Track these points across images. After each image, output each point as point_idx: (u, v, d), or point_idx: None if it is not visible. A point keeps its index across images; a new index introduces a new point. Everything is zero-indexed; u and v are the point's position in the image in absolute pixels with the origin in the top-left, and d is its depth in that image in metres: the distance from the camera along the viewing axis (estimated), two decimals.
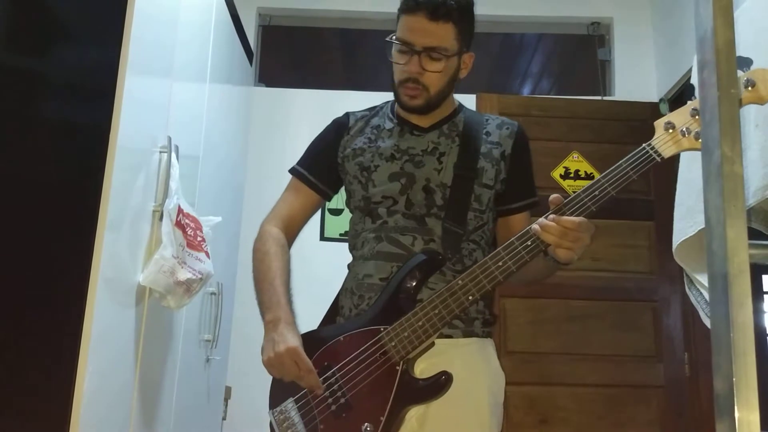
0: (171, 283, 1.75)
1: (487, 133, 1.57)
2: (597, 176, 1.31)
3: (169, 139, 1.86)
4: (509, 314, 2.96)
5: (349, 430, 1.35)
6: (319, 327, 1.54)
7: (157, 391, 1.93)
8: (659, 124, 1.30)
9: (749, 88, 1.19)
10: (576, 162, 3.08)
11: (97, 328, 1.49)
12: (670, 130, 1.28)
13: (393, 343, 1.35)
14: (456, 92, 1.60)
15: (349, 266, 1.58)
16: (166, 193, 1.80)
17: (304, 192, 1.62)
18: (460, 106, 1.62)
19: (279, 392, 1.44)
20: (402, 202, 1.49)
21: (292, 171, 1.65)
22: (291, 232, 1.60)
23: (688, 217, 1.90)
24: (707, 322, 1.90)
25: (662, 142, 1.29)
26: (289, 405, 1.41)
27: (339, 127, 1.64)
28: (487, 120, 1.60)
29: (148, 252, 1.77)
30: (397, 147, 1.54)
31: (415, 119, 1.56)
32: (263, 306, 1.46)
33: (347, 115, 1.66)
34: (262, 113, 3.41)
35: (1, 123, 1.53)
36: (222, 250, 1.75)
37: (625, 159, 1.30)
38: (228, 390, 2.88)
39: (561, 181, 3.06)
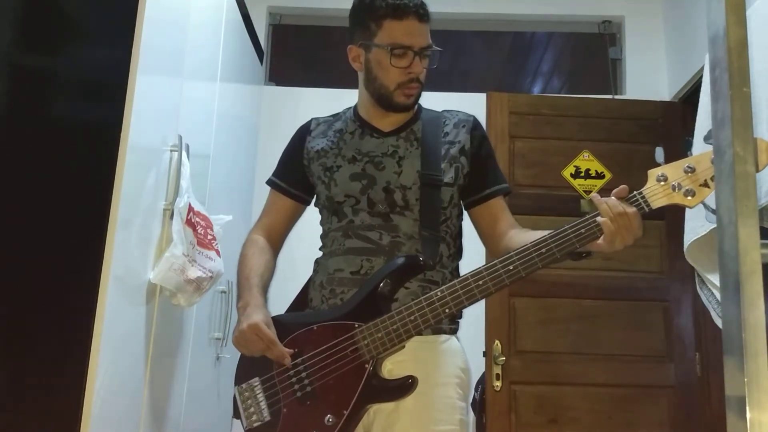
0: (181, 281, 1.75)
1: (446, 134, 1.61)
2: (608, 175, 1.33)
3: (180, 137, 1.87)
4: (519, 313, 2.95)
5: (311, 419, 1.39)
6: (290, 313, 1.59)
7: (168, 389, 1.94)
8: (653, 173, 1.32)
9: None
10: (587, 161, 3.06)
11: (108, 326, 1.50)
12: (662, 183, 1.31)
13: (366, 342, 1.39)
14: (467, 91, 1.60)
15: (317, 261, 1.62)
16: (176, 191, 1.81)
17: (280, 200, 1.69)
18: (419, 109, 1.65)
19: (247, 370, 1.48)
20: (364, 201, 1.54)
21: (268, 182, 1.73)
22: (274, 239, 1.68)
23: (699, 216, 1.89)
24: (719, 322, 1.89)
25: (653, 193, 1.32)
26: (255, 383, 1.46)
27: (303, 132, 1.71)
28: (445, 122, 1.64)
29: (159, 250, 1.78)
30: (358, 150, 1.59)
31: (376, 122, 1.61)
32: (238, 297, 1.53)
33: (311, 120, 1.73)
34: (272, 112, 3.41)
35: (13, 121, 1.54)
36: (232, 248, 1.76)
37: None
38: None
39: (572, 180, 3.04)
